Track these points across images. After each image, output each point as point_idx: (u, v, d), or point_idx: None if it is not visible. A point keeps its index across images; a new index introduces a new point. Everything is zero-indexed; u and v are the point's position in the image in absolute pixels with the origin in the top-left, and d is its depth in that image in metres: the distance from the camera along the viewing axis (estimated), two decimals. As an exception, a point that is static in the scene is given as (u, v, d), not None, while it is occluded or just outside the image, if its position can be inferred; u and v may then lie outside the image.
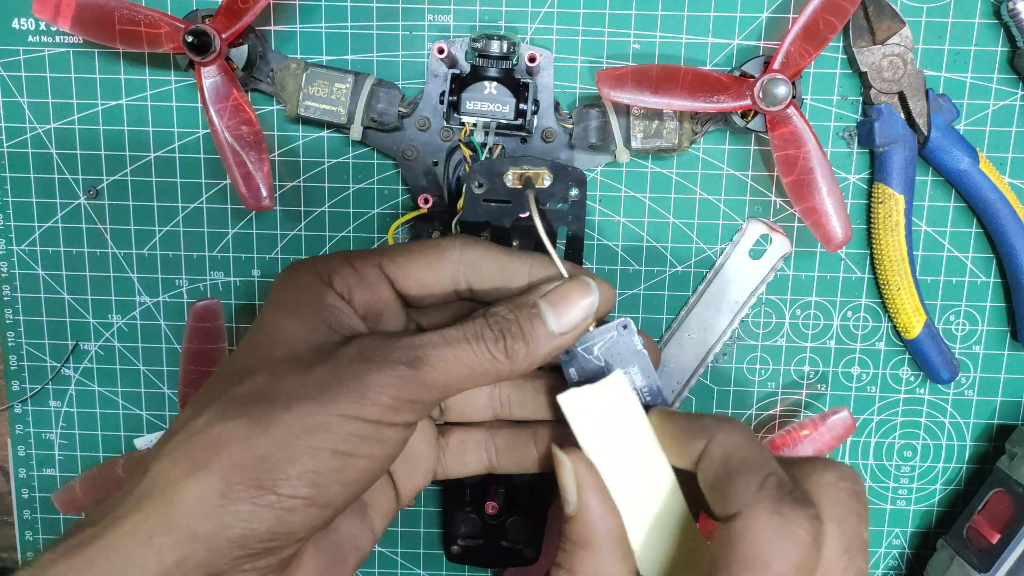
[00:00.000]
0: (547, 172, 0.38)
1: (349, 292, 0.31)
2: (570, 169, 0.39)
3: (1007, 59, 0.45)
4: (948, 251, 0.47)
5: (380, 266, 0.32)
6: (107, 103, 0.46)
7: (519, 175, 0.38)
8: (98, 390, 0.49)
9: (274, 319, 0.31)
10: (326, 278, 0.31)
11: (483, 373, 0.29)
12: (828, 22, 0.41)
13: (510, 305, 0.30)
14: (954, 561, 0.46)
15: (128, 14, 0.41)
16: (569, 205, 0.39)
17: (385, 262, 0.32)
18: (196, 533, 0.26)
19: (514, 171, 0.38)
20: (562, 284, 0.31)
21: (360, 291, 0.32)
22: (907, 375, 0.48)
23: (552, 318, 0.30)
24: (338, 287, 0.31)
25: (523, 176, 0.38)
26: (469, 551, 0.46)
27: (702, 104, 0.41)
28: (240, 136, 0.42)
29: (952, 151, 0.44)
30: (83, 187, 0.47)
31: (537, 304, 0.30)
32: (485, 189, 0.38)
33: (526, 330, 0.30)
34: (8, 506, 0.51)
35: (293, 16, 0.45)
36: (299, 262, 0.32)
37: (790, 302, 0.48)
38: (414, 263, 0.32)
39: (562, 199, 0.39)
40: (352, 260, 0.32)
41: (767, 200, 0.47)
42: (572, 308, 0.30)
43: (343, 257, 0.32)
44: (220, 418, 0.28)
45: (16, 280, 0.48)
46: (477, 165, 0.39)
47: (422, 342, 0.29)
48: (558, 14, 0.45)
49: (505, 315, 0.30)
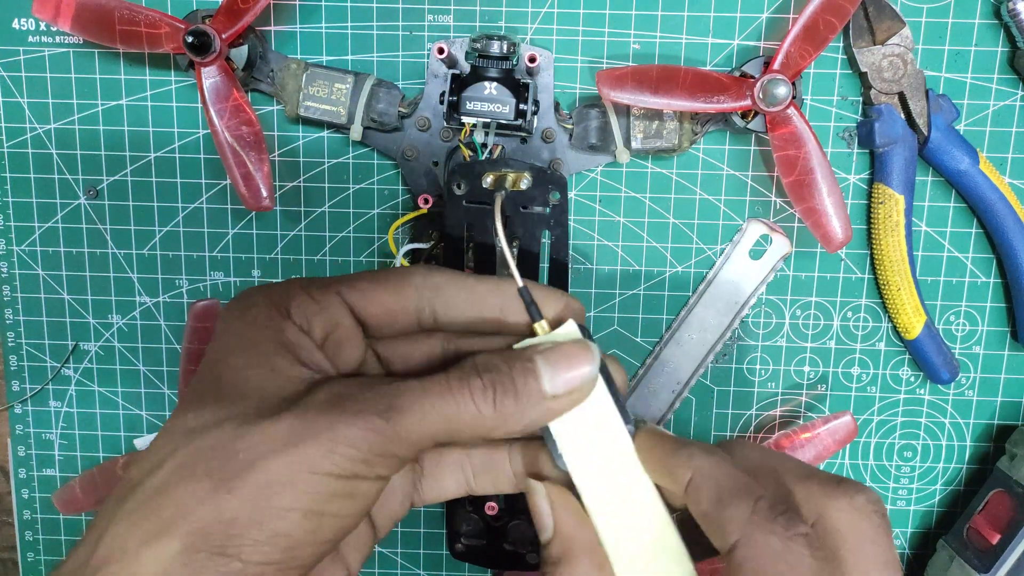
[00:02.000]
0: (528, 175, 0.38)
1: (308, 323, 0.29)
2: (550, 172, 0.38)
3: (1007, 59, 0.45)
4: (948, 251, 0.47)
5: (339, 293, 0.29)
6: (107, 103, 0.46)
7: (496, 176, 0.38)
8: (98, 390, 0.49)
9: (232, 362, 0.28)
10: (283, 309, 0.28)
11: (464, 428, 0.27)
12: (828, 22, 0.41)
13: (503, 355, 0.28)
14: (954, 561, 0.46)
15: (128, 14, 0.41)
16: (550, 209, 0.38)
17: (344, 289, 0.29)
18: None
19: (492, 173, 0.38)
20: (564, 344, 0.28)
21: (319, 321, 0.29)
22: (907, 375, 0.48)
23: (547, 378, 0.27)
24: (297, 318, 0.28)
25: (498, 178, 0.38)
26: (473, 550, 0.45)
27: (702, 104, 0.41)
28: (240, 136, 0.42)
29: (952, 151, 0.44)
30: (83, 187, 0.47)
31: (533, 359, 0.28)
32: (466, 190, 0.38)
33: (519, 384, 0.27)
34: (8, 506, 0.51)
35: (293, 16, 0.45)
36: (253, 290, 0.29)
37: (790, 302, 0.48)
38: (376, 290, 0.30)
39: (543, 203, 0.38)
40: (310, 289, 0.29)
41: (767, 200, 0.47)
42: (571, 370, 0.28)
43: (300, 285, 0.29)
44: (181, 478, 0.25)
45: (16, 280, 0.48)
46: (456, 167, 0.39)
47: (398, 390, 0.27)
48: (558, 14, 0.45)
49: (498, 364, 0.27)
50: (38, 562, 0.51)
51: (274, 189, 0.46)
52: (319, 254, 0.48)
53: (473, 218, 0.38)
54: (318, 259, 0.48)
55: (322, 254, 0.48)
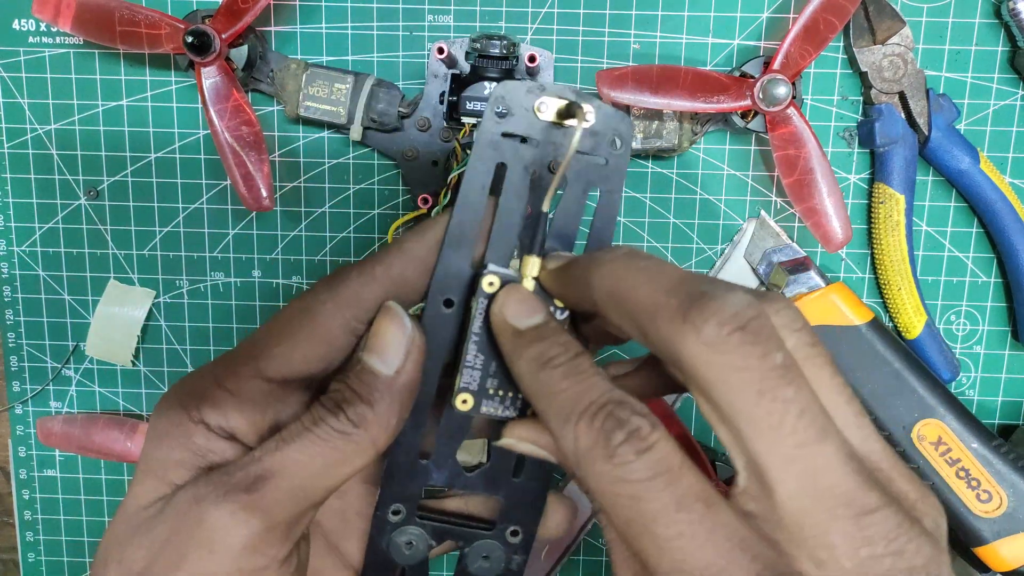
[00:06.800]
0: (592, 109, 0.28)
1: (228, 422, 0.26)
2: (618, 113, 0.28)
3: (1007, 59, 0.45)
4: (949, 251, 0.47)
5: (257, 373, 0.27)
6: (107, 104, 0.46)
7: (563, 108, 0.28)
8: (98, 391, 0.49)
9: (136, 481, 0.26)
10: (195, 414, 0.26)
11: (341, 458, 0.25)
12: (828, 22, 0.41)
13: (339, 377, 0.27)
14: (955, 561, 0.46)
15: (128, 15, 0.41)
16: (607, 162, 0.28)
17: (261, 365, 0.27)
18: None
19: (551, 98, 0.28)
20: (374, 326, 0.27)
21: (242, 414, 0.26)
22: (908, 375, 0.48)
23: (379, 363, 0.26)
24: (212, 420, 0.26)
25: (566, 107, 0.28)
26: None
27: (702, 104, 0.41)
28: (240, 137, 0.42)
29: (953, 151, 0.44)
30: (83, 188, 0.47)
31: (360, 359, 0.26)
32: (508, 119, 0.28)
33: (360, 390, 0.26)
34: (9, 507, 0.51)
35: (293, 16, 0.45)
36: (167, 394, 0.27)
37: (791, 302, 0.47)
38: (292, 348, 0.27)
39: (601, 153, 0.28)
40: (223, 380, 0.26)
41: (767, 200, 0.46)
42: (393, 344, 0.26)
43: (212, 378, 0.27)
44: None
45: (17, 281, 0.48)
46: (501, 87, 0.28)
47: (261, 454, 0.25)
48: (558, 14, 0.45)
49: (334, 387, 0.26)
50: (39, 563, 0.51)
51: (274, 189, 0.46)
52: (319, 254, 0.48)
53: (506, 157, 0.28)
54: (318, 259, 0.48)
55: (322, 254, 0.48)
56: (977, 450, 0.42)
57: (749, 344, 0.20)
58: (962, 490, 0.43)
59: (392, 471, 0.29)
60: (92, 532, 0.51)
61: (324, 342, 0.27)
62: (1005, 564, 0.42)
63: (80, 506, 0.51)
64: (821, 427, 0.21)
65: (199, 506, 0.24)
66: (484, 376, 0.27)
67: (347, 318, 0.27)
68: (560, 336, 0.25)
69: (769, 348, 0.21)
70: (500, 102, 0.28)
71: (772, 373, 0.21)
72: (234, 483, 0.24)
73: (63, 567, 0.51)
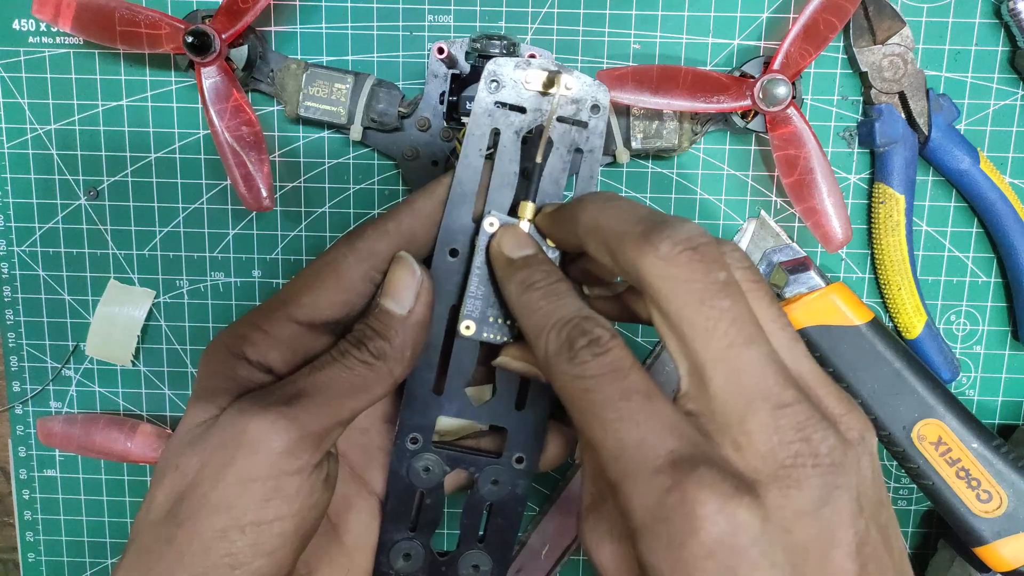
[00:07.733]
0: (573, 78, 0.32)
1: (265, 357, 0.31)
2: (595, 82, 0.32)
3: (1007, 59, 0.45)
4: (949, 251, 0.47)
5: (289, 317, 0.31)
6: (107, 104, 0.46)
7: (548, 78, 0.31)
8: (99, 391, 0.49)
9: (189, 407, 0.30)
10: (238, 351, 0.30)
11: (364, 384, 0.30)
12: (828, 22, 0.41)
13: (360, 320, 0.31)
14: (955, 561, 0.46)
15: (128, 15, 0.41)
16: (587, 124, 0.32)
17: (292, 311, 0.31)
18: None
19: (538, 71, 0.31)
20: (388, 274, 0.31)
21: (277, 350, 0.31)
22: (908, 375, 0.48)
23: (394, 305, 0.31)
24: (253, 356, 0.30)
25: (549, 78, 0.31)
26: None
27: (702, 104, 0.41)
28: (240, 137, 0.42)
29: (953, 151, 0.44)
30: (84, 188, 0.47)
31: (378, 303, 0.31)
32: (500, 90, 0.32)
33: (379, 328, 0.30)
34: (9, 507, 0.51)
35: (293, 16, 0.45)
36: (215, 339, 0.32)
37: (791, 302, 0.47)
38: (317, 295, 0.31)
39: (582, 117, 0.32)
40: (260, 322, 0.31)
41: (767, 200, 0.46)
42: (405, 288, 0.31)
43: (251, 322, 0.31)
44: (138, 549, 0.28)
45: (17, 281, 0.48)
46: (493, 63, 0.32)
47: (296, 377, 0.30)
48: (558, 14, 0.45)
49: (357, 327, 0.31)
50: (39, 563, 0.51)
51: (274, 189, 0.46)
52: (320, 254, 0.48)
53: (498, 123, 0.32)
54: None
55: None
56: (977, 450, 0.42)
57: (697, 261, 0.25)
58: (962, 490, 0.42)
59: (409, 402, 0.33)
60: (92, 532, 0.51)
61: (346, 290, 0.31)
62: (1005, 564, 0.42)
63: (80, 506, 0.51)
64: (749, 334, 0.24)
65: (243, 417, 0.28)
66: (485, 306, 0.32)
67: (365, 268, 0.31)
68: (544, 265, 0.30)
69: (713, 267, 0.25)
70: (493, 75, 0.32)
71: (713, 287, 0.24)
72: (274, 399, 0.28)
73: (63, 567, 0.51)
